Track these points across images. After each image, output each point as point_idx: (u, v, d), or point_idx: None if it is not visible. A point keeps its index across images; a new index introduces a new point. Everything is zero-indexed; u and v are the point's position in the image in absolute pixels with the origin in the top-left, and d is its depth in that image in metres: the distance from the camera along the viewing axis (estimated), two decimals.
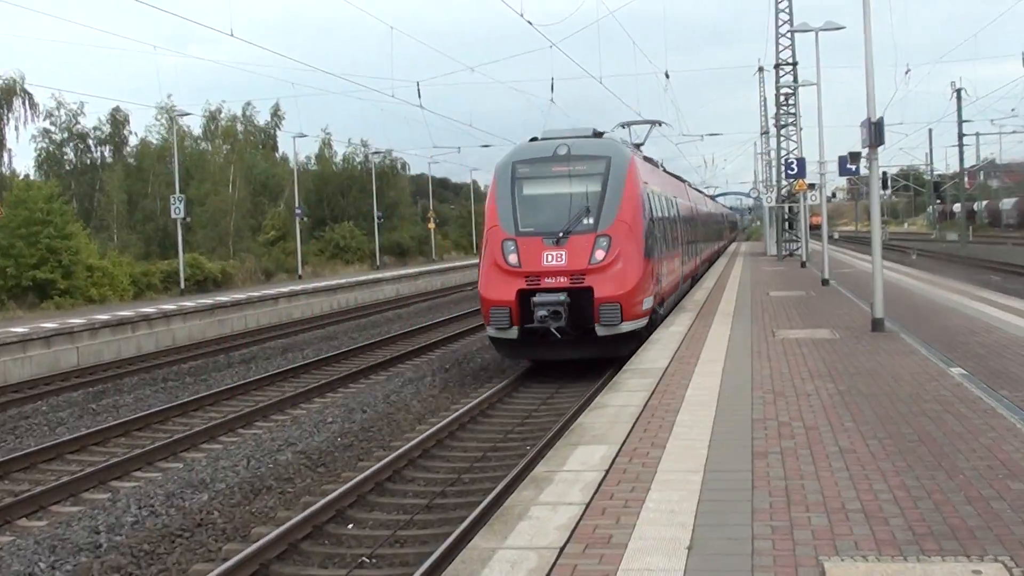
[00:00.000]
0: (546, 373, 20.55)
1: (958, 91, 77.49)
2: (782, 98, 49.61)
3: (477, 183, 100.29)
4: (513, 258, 18.66)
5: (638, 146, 25.69)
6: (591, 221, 18.89)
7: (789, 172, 36.70)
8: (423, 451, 13.99)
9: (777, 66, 49.05)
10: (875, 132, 16.86)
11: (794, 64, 48.55)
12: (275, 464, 13.58)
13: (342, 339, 29.29)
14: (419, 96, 45.25)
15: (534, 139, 20.86)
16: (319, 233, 68.56)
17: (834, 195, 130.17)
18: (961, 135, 79.31)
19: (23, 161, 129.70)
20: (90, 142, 62.19)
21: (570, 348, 18.89)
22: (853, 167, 22.83)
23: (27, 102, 55.86)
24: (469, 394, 18.86)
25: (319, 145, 79.96)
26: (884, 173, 64.99)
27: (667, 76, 54.01)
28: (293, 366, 22.97)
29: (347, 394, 19.29)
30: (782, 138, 49.83)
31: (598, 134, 21.33)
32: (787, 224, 51.63)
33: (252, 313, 34.70)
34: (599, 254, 18.60)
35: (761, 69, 69.99)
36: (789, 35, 47.79)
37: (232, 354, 26.50)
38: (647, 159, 25.57)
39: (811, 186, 37.91)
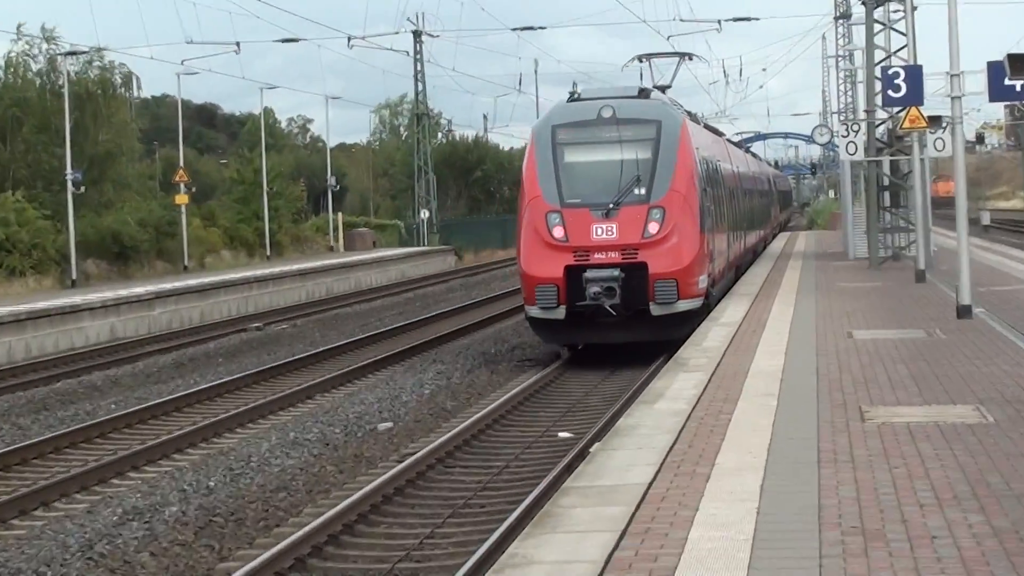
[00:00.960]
0: (417, 499, 20.40)
1: None
2: None
3: (273, 112, 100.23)
4: (559, 231, 31.13)
5: (663, 89, 40.19)
6: (643, 192, 31.67)
7: (891, 95, 36.97)
8: None
9: None
10: None
11: None
12: None
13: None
14: None
15: (572, 98, 34.79)
16: None
17: (980, 140, 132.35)
18: None
19: None
20: None
21: (621, 330, 31.18)
22: (1018, 84, 23.02)
23: None
24: (254, 540, 18.64)
25: None
26: None
27: None
28: None
29: (7, 542, 18.96)
30: (877, 29, 50.35)
31: (643, 92, 34.79)
32: (888, 197, 52.15)
33: None
34: (653, 227, 31.06)
35: None
36: None
37: None
38: (691, 115, 40.44)
39: (934, 121, 38.36)
